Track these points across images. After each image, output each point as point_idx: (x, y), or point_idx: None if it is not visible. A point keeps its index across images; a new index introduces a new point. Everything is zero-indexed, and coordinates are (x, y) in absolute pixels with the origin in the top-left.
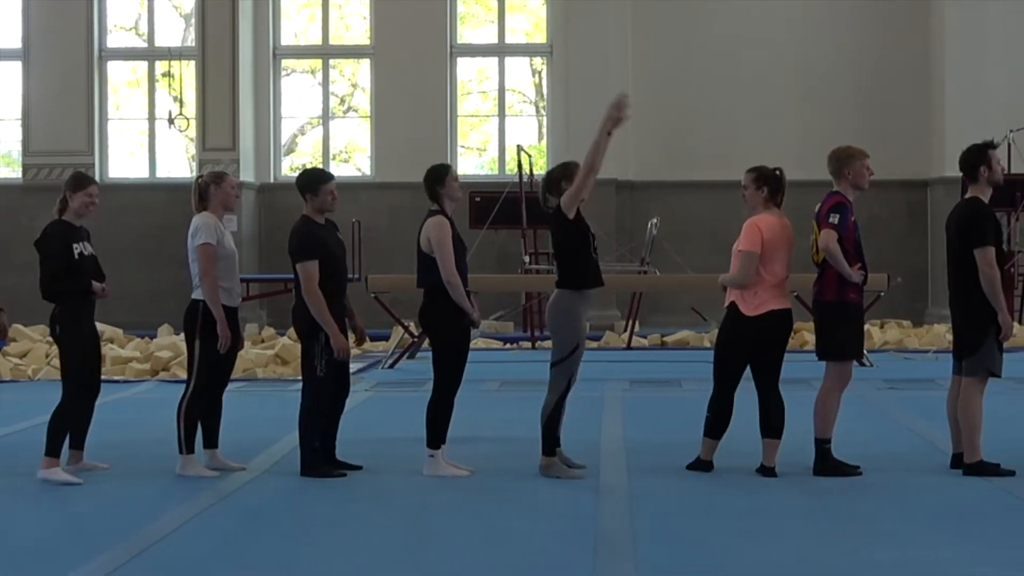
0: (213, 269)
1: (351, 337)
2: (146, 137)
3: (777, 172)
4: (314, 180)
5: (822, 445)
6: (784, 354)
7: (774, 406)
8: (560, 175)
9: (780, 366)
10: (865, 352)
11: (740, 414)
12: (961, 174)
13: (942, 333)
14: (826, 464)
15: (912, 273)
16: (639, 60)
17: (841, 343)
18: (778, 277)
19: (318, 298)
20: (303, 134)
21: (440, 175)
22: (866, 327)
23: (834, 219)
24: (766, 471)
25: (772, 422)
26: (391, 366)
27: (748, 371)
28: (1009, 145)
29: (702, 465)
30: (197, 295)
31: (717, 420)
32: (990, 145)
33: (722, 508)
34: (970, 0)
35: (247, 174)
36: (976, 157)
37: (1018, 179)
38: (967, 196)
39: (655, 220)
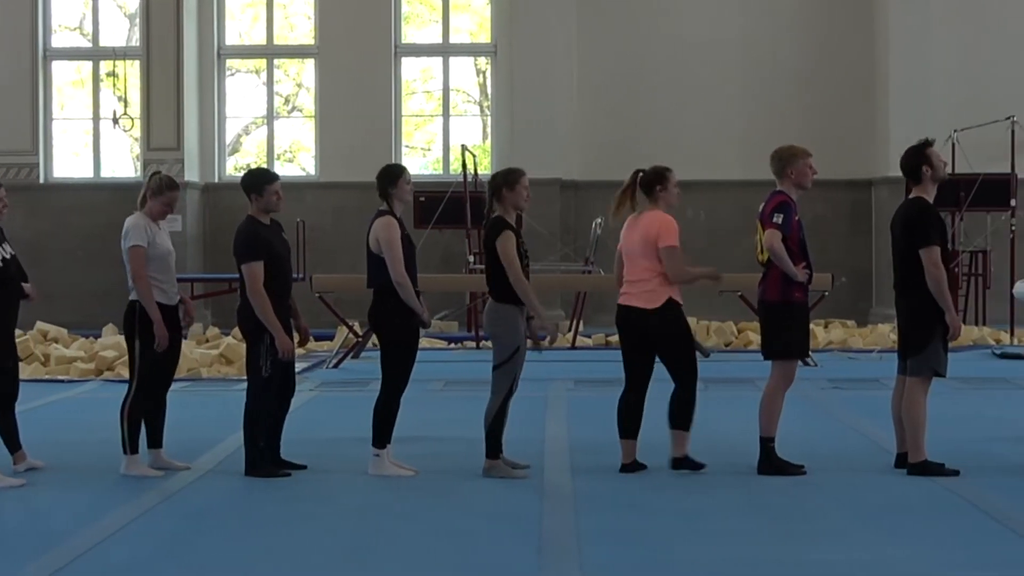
0: (144, 270)
1: (295, 337)
2: (91, 137)
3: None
4: (259, 180)
5: (766, 444)
6: (691, 344)
7: (681, 399)
8: (502, 182)
9: (688, 357)
10: (810, 351)
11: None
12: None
13: (886, 333)
14: (770, 463)
15: (856, 273)
16: (584, 60)
17: (786, 343)
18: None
19: (263, 298)
20: (247, 134)
21: (394, 176)
22: (811, 327)
23: (778, 219)
24: (676, 463)
25: (678, 413)
26: (335, 366)
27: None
28: (953, 145)
29: (635, 467)
30: (134, 296)
31: (630, 420)
32: (927, 144)
33: (666, 507)
34: (914, 1)
35: (191, 174)
36: (917, 158)
37: (962, 179)
38: (911, 196)
39: (599, 220)
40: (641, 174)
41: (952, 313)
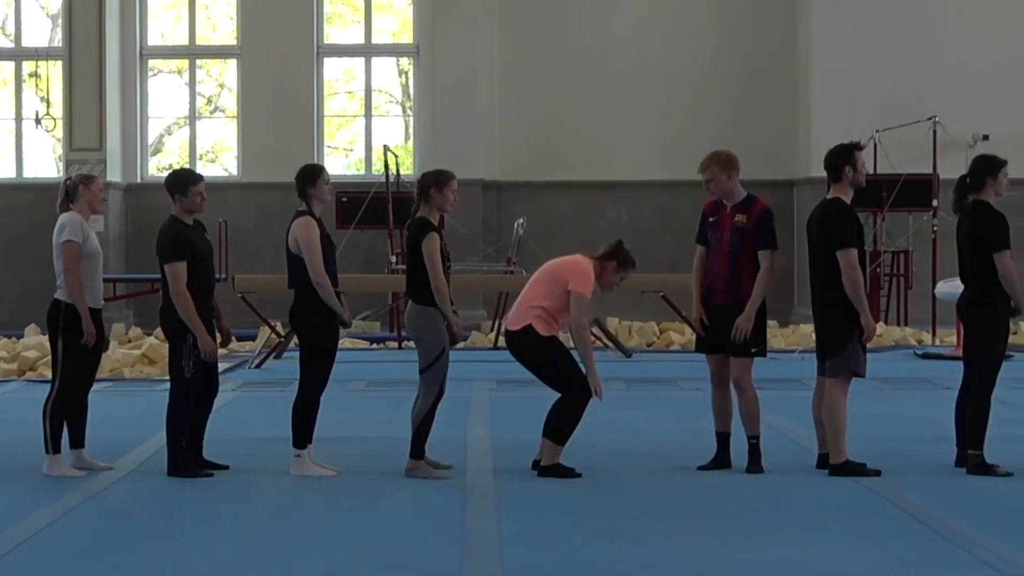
0: (77, 266)
1: (218, 338)
2: (13, 137)
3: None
4: (183, 181)
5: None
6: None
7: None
8: (432, 182)
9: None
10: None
11: (600, 415)
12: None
13: (808, 333)
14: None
15: (778, 273)
16: (506, 60)
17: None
18: None
19: (186, 299)
20: (170, 134)
21: (312, 176)
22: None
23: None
24: (538, 467)
25: (552, 420)
26: (258, 366)
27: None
28: (875, 145)
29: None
30: (60, 295)
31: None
32: (856, 146)
33: (589, 508)
34: (836, 2)
35: (114, 174)
36: (842, 157)
37: (884, 179)
38: (829, 196)
39: (521, 220)
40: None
41: (867, 315)
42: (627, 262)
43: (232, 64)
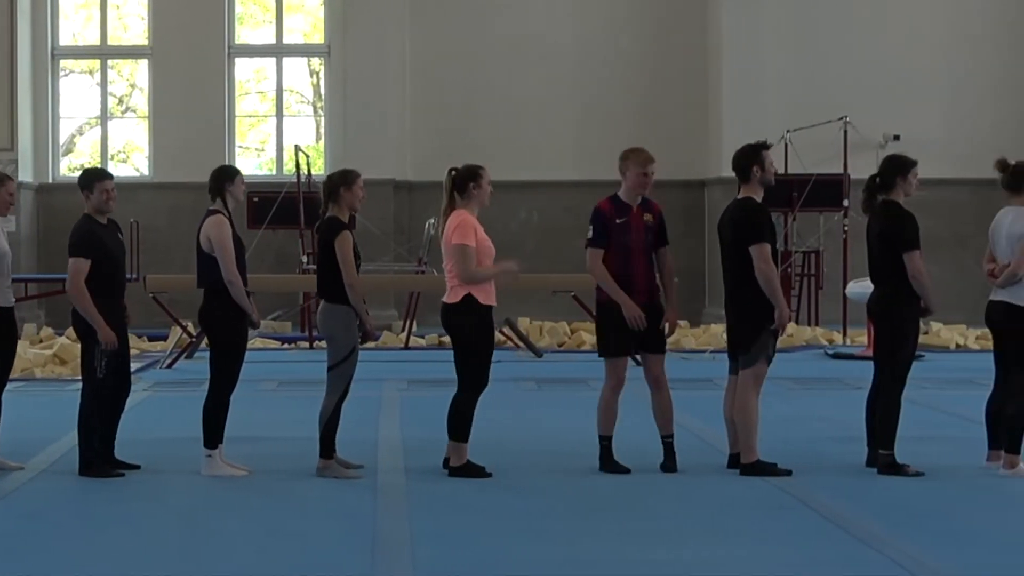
0: None
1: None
2: None
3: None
4: (91, 178)
5: (601, 442)
6: (481, 351)
7: (454, 405)
8: (340, 181)
9: (473, 362)
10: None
11: (511, 414)
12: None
13: (719, 333)
14: (607, 462)
15: (689, 273)
16: (417, 61)
17: (608, 342)
18: None
19: (82, 293)
20: (81, 134)
21: (231, 174)
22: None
23: (590, 232)
24: (453, 471)
25: (450, 420)
26: (169, 366)
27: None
28: (786, 145)
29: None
30: None
31: (468, 423)
32: (764, 146)
33: (499, 508)
34: (745, 3)
35: (25, 174)
36: (750, 157)
37: (795, 179)
38: (740, 196)
39: (433, 220)
40: (455, 172)
41: (782, 306)
42: (472, 174)
43: (144, 64)
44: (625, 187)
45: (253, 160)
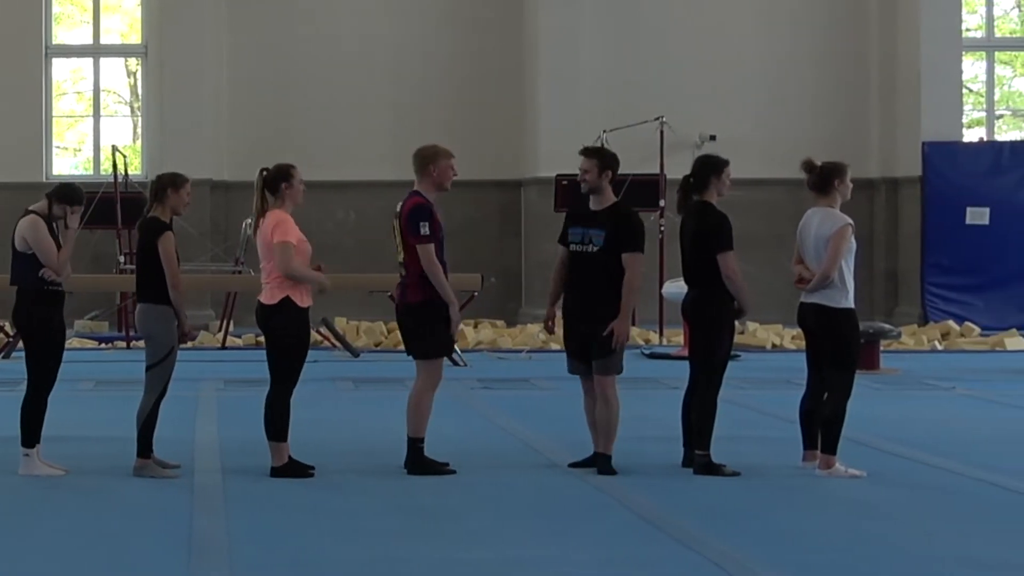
0: None
1: None
2: None
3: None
4: None
5: (415, 444)
6: (294, 350)
7: (267, 405)
8: (169, 182)
9: (284, 361)
10: (459, 351)
11: (329, 414)
12: (600, 178)
13: (535, 333)
14: (419, 463)
15: (506, 273)
16: (234, 60)
17: (432, 343)
18: None
19: None
20: None
21: (78, 199)
22: (461, 327)
23: (424, 229)
24: (274, 471)
25: (267, 421)
26: None
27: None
28: (602, 145)
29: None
30: None
31: (284, 422)
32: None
33: (317, 507)
34: (563, 3)
35: None
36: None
37: (647, 179)
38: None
39: (249, 220)
40: (266, 172)
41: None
42: (284, 174)
43: None
44: (429, 183)
45: (70, 160)
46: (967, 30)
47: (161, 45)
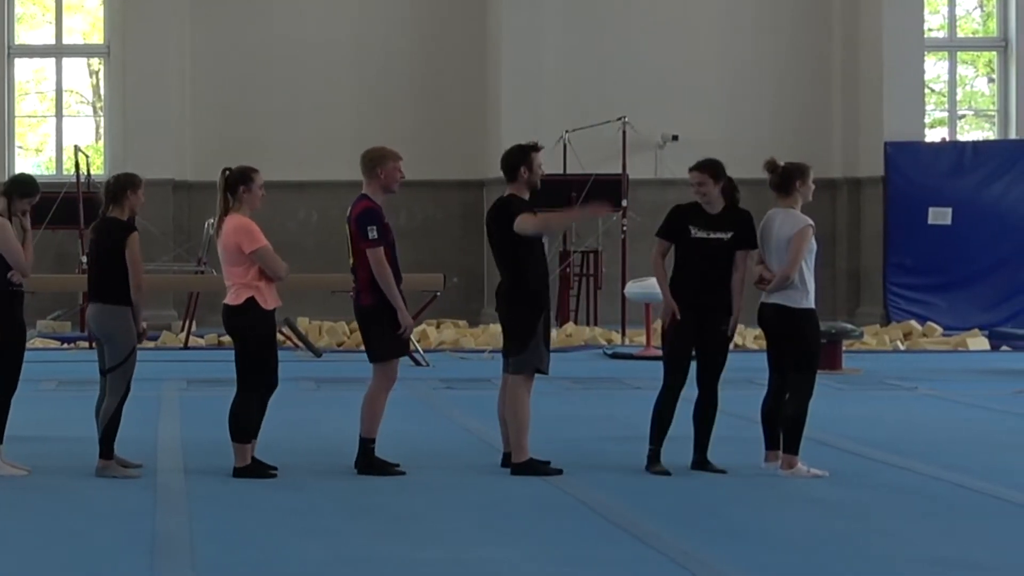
0: None
1: None
2: None
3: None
4: None
5: (366, 444)
6: (263, 351)
7: (232, 407)
8: (127, 183)
9: (251, 360)
10: (421, 351)
11: (292, 414)
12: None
13: (497, 333)
14: (369, 463)
15: (468, 273)
16: (197, 60)
17: (386, 345)
18: None
19: None
20: None
21: (37, 188)
22: (422, 327)
23: (372, 232)
24: (237, 471)
25: (231, 422)
26: None
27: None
28: (564, 145)
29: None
30: None
31: (249, 424)
32: (533, 147)
33: (279, 507)
34: (524, 3)
35: None
36: (518, 158)
37: (574, 179)
38: (506, 193)
39: (212, 220)
40: (228, 173)
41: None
42: (244, 176)
43: None
44: (376, 185)
45: (32, 160)
46: (929, 30)
47: (124, 45)
